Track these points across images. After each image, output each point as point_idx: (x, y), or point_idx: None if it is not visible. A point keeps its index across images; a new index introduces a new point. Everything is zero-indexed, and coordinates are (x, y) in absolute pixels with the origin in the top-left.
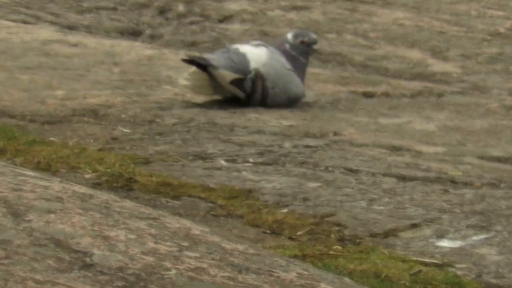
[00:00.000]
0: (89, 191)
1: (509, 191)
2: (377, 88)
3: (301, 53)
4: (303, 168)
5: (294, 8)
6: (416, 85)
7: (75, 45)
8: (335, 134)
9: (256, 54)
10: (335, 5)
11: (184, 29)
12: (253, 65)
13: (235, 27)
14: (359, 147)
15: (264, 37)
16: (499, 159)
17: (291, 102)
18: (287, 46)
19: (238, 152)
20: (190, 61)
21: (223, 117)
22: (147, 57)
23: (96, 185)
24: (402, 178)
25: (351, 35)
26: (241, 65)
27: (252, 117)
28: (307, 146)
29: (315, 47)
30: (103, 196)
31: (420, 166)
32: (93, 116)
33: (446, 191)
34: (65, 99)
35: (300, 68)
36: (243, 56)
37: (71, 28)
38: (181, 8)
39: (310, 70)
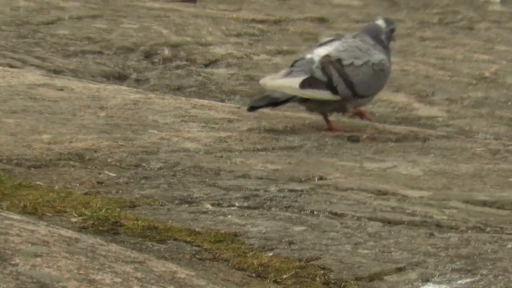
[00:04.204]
0: (75, 235)
1: (495, 235)
2: (362, 132)
3: (388, 40)
4: (289, 212)
5: (280, 52)
6: (402, 129)
7: (61, 89)
8: (321, 178)
9: (319, 51)
10: None
11: (170, 74)
12: (316, 58)
13: (220, 71)
14: (344, 191)
15: (250, 81)
16: (484, 203)
17: (379, 76)
18: (383, 36)
19: (223, 196)
20: (254, 108)
21: (208, 161)
22: (133, 102)
23: (82, 229)
24: (388, 222)
25: None
26: (306, 67)
27: (238, 161)
28: (292, 190)
29: (394, 34)
30: (89, 240)
31: (405, 210)
32: (79, 160)
33: (431, 235)
34: (51, 143)
35: (388, 55)
36: (307, 60)
37: (57, 72)
38: (167, 52)
39: (295, 114)
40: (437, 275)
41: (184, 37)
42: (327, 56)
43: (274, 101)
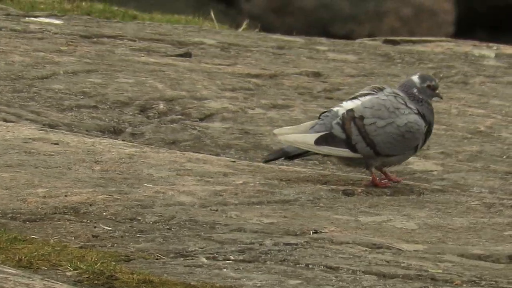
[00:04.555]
0: None
1: None
2: (357, 186)
3: (428, 96)
4: (284, 266)
5: (275, 106)
6: (396, 185)
7: (56, 143)
8: (316, 232)
9: (347, 104)
10: (315, 104)
11: (165, 128)
12: (340, 112)
13: (215, 125)
14: (339, 244)
15: (245, 135)
16: (479, 257)
17: (404, 137)
18: (415, 90)
19: (219, 249)
20: (272, 160)
21: (204, 214)
22: (128, 155)
23: (77, 283)
24: (383, 276)
25: None
26: (327, 121)
27: (233, 214)
28: (287, 244)
29: (437, 91)
30: None
31: (400, 264)
32: (74, 214)
33: None
34: (47, 197)
35: (427, 110)
36: (332, 113)
37: (52, 126)
38: (162, 106)
39: (290, 168)
40: None
41: (179, 92)
42: (351, 111)
43: (288, 155)
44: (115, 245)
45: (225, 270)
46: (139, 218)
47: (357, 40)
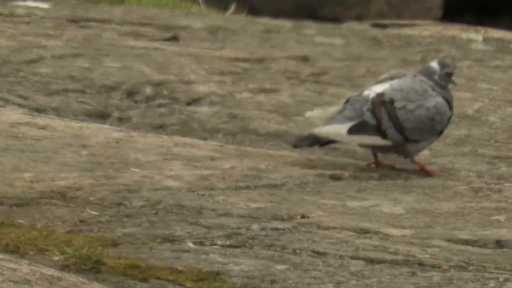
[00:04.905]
0: (57, 273)
1: (477, 274)
2: (344, 170)
3: (446, 83)
4: (271, 251)
5: (263, 90)
6: (384, 167)
7: (43, 127)
8: (303, 216)
9: (376, 87)
10: (303, 88)
11: (153, 112)
12: (371, 96)
13: (203, 109)
14: (326, 229)
15: (232, 119)
16: (467, 242)
17: (434, 119)
18: (436, 77)
19: (206, 234)
20: (302, 146)
21: (191, 199)
22: (115, 140)
23: (64, 267)
24: (370, 261)
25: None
26: (358, 106)
27: (220, 199)
28: (274, 229)
29: (453, 78)
30: (71, 278)
31: (388, 249)
32: (61, 198)
33: (413, 273)
34: (34, 182)
35: (450, 97)
36: (362, 98)
37: (40, 110)
38: (149, 90)
39: (278, 152)
40: None
41: (166, 76)
42: (381, 94)
43: (319, 142)
44: (102, 230)
45: (212, 255)
46: (126, 202)
47: (345, 24)
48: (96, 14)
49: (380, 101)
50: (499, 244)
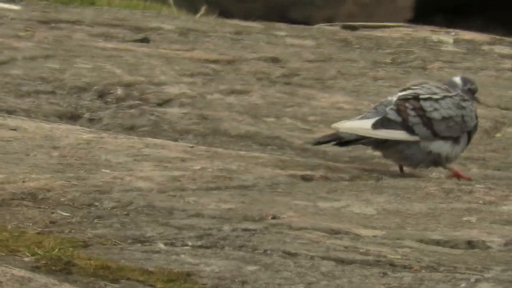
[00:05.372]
0: (28, 274)
1: (448, 275)
2: (316, 171)
3: (469, 99)
4: (242, 252)
5: (233, 92)
6: (355, 168)
7: (14, 129)
8: (274, 217)
9: (400, 94)
10: (274, 89)
11: (123, 113)
12: (394, 99)
13: (174, 110)
14: (297, 230)
15: (203, 120)
16: (438, 243)
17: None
18: (459, 91)
19: (176, 235)
20: (323, 143)
21: (161, 200)
22: (86, 141)
23: (35, 269)
24: (341, 262)
25: (290, 119)
26: (381, 108)
27: (191, 200)
28: (245, 230)
29: (476, 95)
30: (42, 279)
31: (359, 250)
32: (32, 199)
33: (385, 274)
34: (4, 183)
35: (473, 108)
36: (385, 102)
37: (10, 112)
38: (120, 92)
39: (249, 153)
40: None
41: (137, 77)
42: (404, 95)
43: (341, 140)
44: (73, 231)
45: (183, 256)
46: (96, 204)
47: (316, 26)
48: (67, 16)
49: (404, 99)
50: (470, 244)
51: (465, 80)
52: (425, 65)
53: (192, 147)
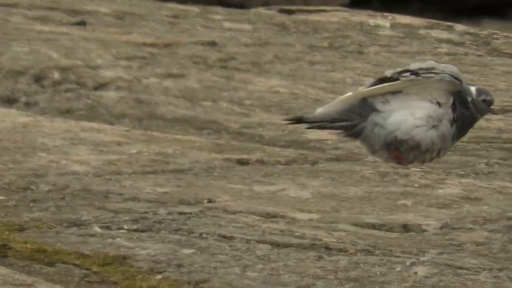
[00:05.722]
0: None
1: (383, 258)
2: (252, 155)
3: (478, 110)
4: (178, 235)
5: (170, 76)
6: (291, 152)
7: None
8: (210, 201)
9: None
10: (210, 73)
11: (60, 97)
12: None
13: (110, 94)
14: (233, 214)
15: (139, 104)
16: (373, 226)
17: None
18: (469, 98)
19: (112, 219)
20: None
21: (98, 184)
22: (22, 125)
23: None
24: (277, 245)
25: (227, 103)
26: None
27: (127, 184)
28: (181, 213)
29: (492, 107)
30: None
31: (294, 233)
32: None
33: (320, 257)
34: None
35: (467, 122)
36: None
37: None
38: (56, 75)
39: (185, 137)
40: None
41: (74, 61)
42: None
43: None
44: (9, 214)
45: (118, 239)
46: (32, 187)
47: (253, 10)
48: None
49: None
50: (405, 228)
51: (480, 91)
52: (362, 49)
53: (128, 131)
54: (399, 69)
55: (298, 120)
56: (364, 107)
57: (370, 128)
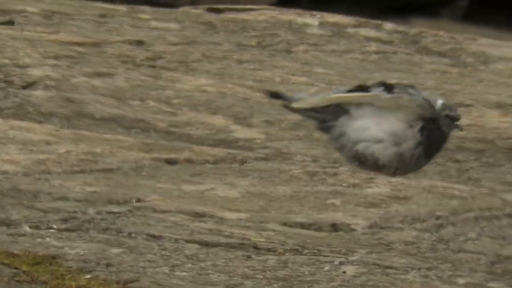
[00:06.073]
0: None
1: (312, 257)
2: (180, 154)
3: (445, 125)
4: (106, 235)
5: (98, 75)
6: (219, 151)
7: None
8: (138, 200)
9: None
10: (138, 72)
11: None
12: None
13: (38, 93)
14: (162, 213)
15: (68, 103)
16: (302, 225)
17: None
18: (438, 115)
19: (42, 218)
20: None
21: (27, 183)
22: None
23: None
24: (205, 244)
25: (154, 102)
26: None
27: (56, 183)
28: (110, 213)
29: (457, 123)
30: None
31: (223, 233)
32: None
33: (249, 257)
34: None
35: (438, 139)
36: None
37: None
38: None
39: (114, 136)
40: None
41: (1, 59)
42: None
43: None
44: None
45: (48, 239)
46: None
47: (181, 9)
48: None
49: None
50: (334, 227)
51: (445, 106)
52: (290, 48)
53: (57, 130)
54: (378, 81)
55: (279, 97)
56: (338, 107)
57: (338, 131)
